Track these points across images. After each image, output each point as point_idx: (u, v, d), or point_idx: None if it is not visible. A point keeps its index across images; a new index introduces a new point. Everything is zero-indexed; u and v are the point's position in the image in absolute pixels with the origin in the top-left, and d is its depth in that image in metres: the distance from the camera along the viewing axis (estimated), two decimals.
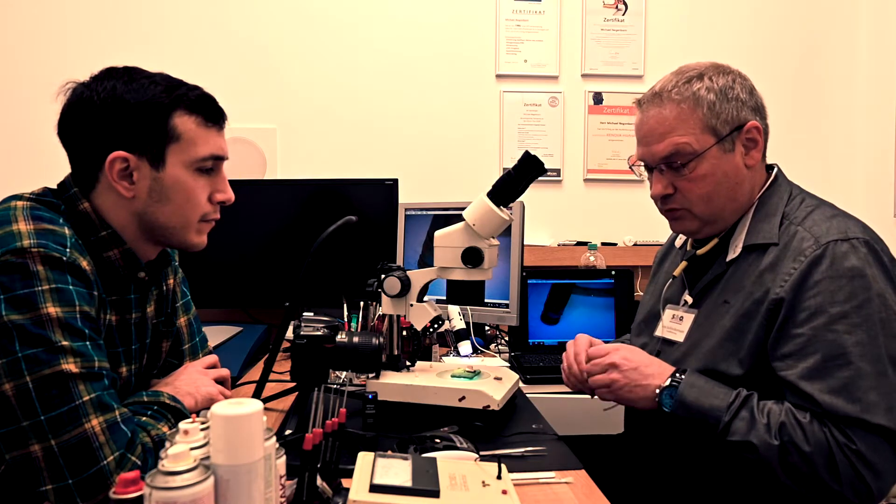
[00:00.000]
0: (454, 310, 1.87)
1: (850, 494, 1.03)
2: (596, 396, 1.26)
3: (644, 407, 1.19)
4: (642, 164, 1.27)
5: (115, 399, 0.94)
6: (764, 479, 1.09)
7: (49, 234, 0.94)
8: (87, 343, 0.92)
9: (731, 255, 1.22)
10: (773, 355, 1.11)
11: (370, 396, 1.30)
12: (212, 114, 1.09)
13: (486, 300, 2.00)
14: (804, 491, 1.06)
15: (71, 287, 0.93)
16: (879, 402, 1.03)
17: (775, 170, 1.27)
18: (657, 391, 1.16)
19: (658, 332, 1.32)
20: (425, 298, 1.39)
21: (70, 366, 0.89)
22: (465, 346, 1.82)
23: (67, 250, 0.94)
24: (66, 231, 0.97)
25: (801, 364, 1.07)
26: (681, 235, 1.40)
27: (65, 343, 0.89)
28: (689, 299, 1.28)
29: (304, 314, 2.09)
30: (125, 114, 1.02)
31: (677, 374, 1.16)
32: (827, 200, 1.24)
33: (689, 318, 1.26)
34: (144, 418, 1.01)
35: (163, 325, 1.24)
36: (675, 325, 1.28)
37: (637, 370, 1.18)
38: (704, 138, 1.18)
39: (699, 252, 1.28)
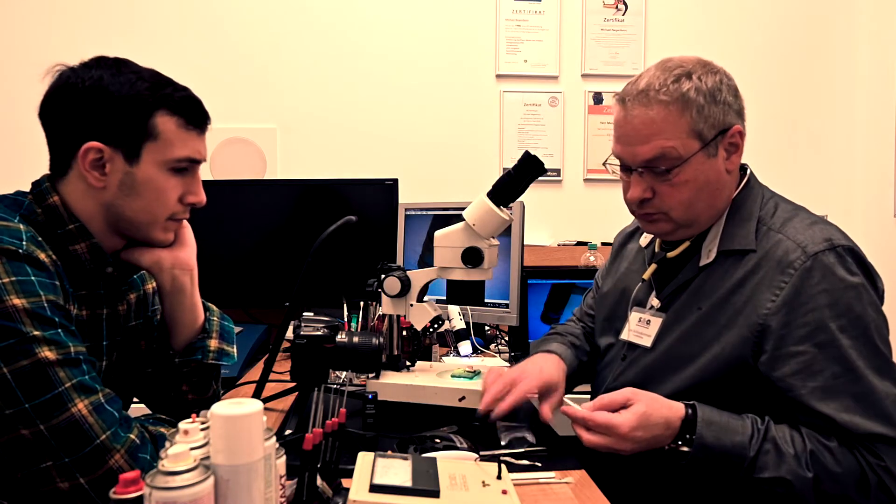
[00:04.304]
0: (454, 310, 1.87)
1: None
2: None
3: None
4: (618, 163, 1.20)
5: (97, 381, 0.94)
6: None
7: (3, 229, 0.94)
8: (59, 330, 0.92)
9: (705, 260, 1.18)
10: (773, 375, 1.07)
11: (370, 396, 1.30)
12: (194, 117, 1.08)
13: (486, 300, 1.99)
14: None
15: (32, 277, 0.93)
16: (893, 413, 1.02)
17: (748, 171, 1.23)
18: (669, 445, 1.08)
19: (624, 336, 1.28)
20: (425, 298, 1.39)
21: (47, 353, 0.89)
22: (465, 346, 1.82)
23: (23, 243, 0.94)
24: (21, 227, 0.97)
25: (809, 383, 1.04)
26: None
27: (36, 333, 0.89)
28: (657, 303, 1.24)
29: (304, 314, 2.09)
30: (107, 106, 1.02)
31: (689, 422, 1.05)
32: (799, 204, 1.21)
33: (657, 321, 1.22)
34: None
35: (142, 326, 1.23)
36: (641, 328, 1.24)
37: (654, 438, 1.05)
38: (690, 143, 1.12)
39: (670, 255, 1.24)
